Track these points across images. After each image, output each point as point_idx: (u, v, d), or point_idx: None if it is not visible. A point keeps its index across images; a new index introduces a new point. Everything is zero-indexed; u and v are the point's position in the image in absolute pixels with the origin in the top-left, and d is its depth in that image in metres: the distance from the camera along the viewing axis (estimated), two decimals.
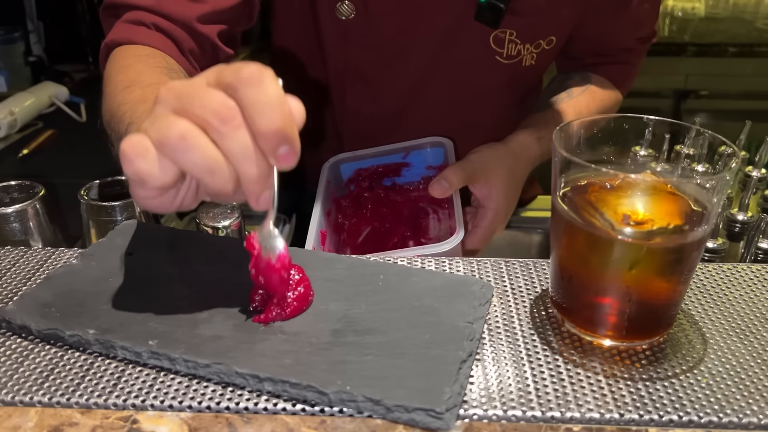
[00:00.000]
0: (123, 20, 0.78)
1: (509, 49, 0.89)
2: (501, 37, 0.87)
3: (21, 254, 0.57)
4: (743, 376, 0.44)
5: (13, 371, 0.43)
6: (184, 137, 0.38)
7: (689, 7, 2.60)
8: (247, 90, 0.38)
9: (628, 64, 1.04)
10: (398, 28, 0.88)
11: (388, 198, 0.90)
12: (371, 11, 0.86)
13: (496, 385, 0.43)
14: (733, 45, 2.43)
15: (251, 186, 0.40)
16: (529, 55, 0.90)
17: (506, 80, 0.94)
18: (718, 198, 0.43)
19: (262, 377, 0.41)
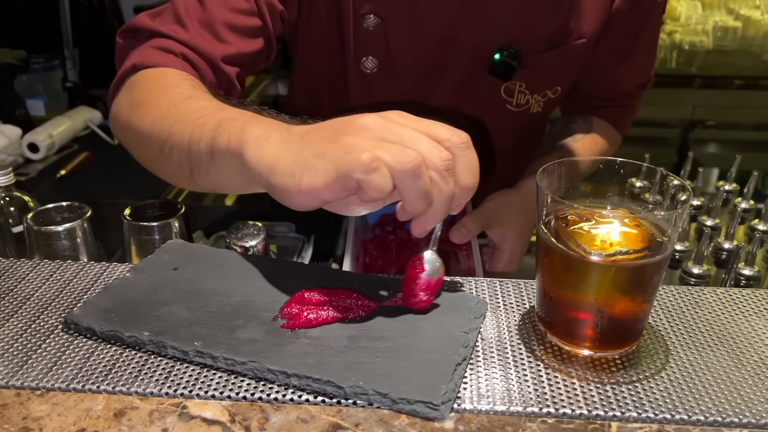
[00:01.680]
0: (149, 45, 0.81)
1: (518, 99, 0.96)
2: (511, 88, 0.95)
3: (80, 268, 0.66)
4: (696, 382, 0.51)
5: (82, 365, 0.52)
6: (419, 166, 0.48)
7: (697, 41, 2.68)
8: (462, 152, 0.50)
9: (629, 107, 1.11)
10: (417, 81, 0.96)
11: (411, 241, 0.97)
12: (393, 67, 0.94)
13: (485, 385, 0.51)
14: (739, 78, 2.50)
15: (433, 218, 0.51)
16: (536, 103, 0.98)
17: (515, 126, 1.02)
18: (674, 229, 0.51)
19: (289, 373, 0.49)
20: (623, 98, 1.10)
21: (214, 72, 0.83)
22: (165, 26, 0.82)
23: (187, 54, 0.81)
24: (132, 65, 0.80)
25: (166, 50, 0.80)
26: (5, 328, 0.56)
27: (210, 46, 0.81)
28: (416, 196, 0.48)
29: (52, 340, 0.54)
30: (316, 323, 0.54)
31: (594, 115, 1.09)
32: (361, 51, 0.93)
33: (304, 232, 1.13)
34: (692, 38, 2.69)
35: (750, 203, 1.12)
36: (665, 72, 2.52)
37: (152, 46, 0.81)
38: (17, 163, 1.49)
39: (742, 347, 0.56)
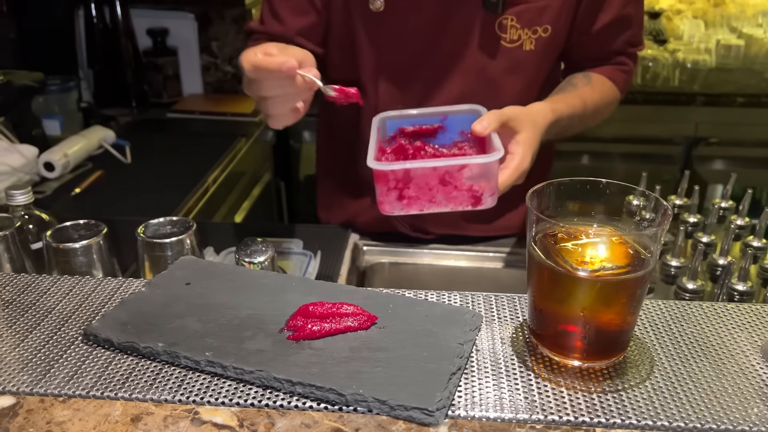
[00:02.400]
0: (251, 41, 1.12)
1: (511, 34, 1.06)
2: (504, 23, 1.05)
3: (98, 283, 0.70)
4: (678, 390, 0.54)
5: (101, 374, 0.55)
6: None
7: (700, 59, 2.71)
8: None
9: (623, 65, 1.19)
10: (421, 20, 1.06)
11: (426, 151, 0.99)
12: (398, 5, 1.05)
13: (478, 393, 0.54)
14: (742, 95, 2.52)
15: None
16: (528, 39, 1.07)
17: (512, 65, 1.10)
18: (656, 246, 0.54)
19: (294, 382, 0.53)
20: (614, 56, 1.17)
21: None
22: (256, 24, 1.14)
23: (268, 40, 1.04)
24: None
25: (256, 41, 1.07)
26: (29, 340, 0.60)
27: (277, 27, 1.10)
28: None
29: (73, 351, 0.58)
30: (320, 335, 0.58)
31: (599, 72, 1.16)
32: None
33: (310, 249, 1.17)
34: (695, 56, 2.72)
35: (745, 220, 1.15)
36: (668, 90, 2.55)
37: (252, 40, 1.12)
38: (33, 182, 1.53)
39: (724, 358, 0.58)
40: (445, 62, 1.11)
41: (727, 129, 2.53)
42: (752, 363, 0.58)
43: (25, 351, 0.58)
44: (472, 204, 0.80)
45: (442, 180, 0.78)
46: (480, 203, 0.80)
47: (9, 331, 0.61)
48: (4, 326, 0.62)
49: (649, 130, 2.55)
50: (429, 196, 0.80)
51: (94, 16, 2.05)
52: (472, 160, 0.78)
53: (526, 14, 1.05)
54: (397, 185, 0.79)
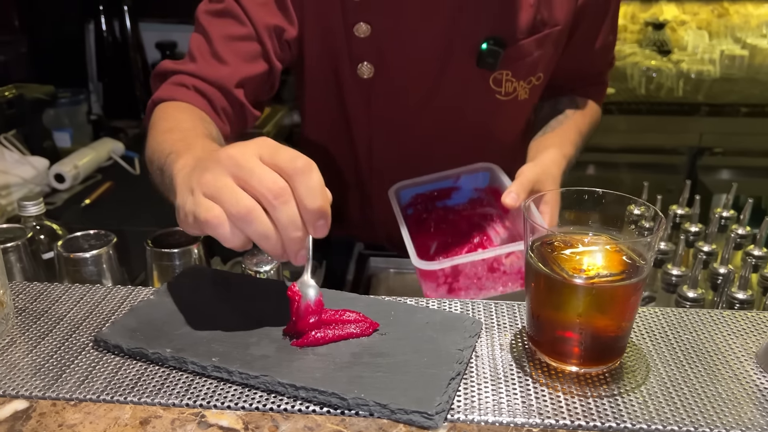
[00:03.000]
0: (168, 82, 0.94)
1: (506, 87, 1.05)
2: (499, 78, 1.04)
3: (108, 291, 0.71)
4: (673, 395, 0.56)
5: (110, 378, 0.57)
6: (250, 212, 0.53)
7: (704, 70, 2.73)
8: (300, 177, 0.54)
9: (602, 84, 1.21)
10: (412, 81, 1.04)
11: (446, 217, 1.02)
12: (388, 70, 1.02)
13: (477, 397, 0.55)
14: (746, 105, 2.53)
15: (292, 246, 0.55)
16: (522, 90, 1.06)
17: (507, 115, 1.11)
18: (650, 254, 0.56)
19: (298, 386, 0.54)
20: (596, 77, 1.19)
21: (224, 96, 0.93)
22: (180, 64, 0.95)
23: (198, 85, 0.92)
24: (151, 101, 0.93)
25: (180, 84, 0.93)
26: (41, 346, 0.61)
27: (215, 71, 0.92)
28: (258, 236, 0.54)
29: (84, 356, 0.60)
30: (323, 341, 0.59)
31: (575, 95, 1.17)
32: (357, 58, 1.01)
33: (316, 258, 1.18)
34: (699, 67, 2.74)
35: (746, 229, 1.16)
36: (672, 100, 2.56)
37: (171, 82, 0.94)
38: (44, 193, 1.56)
39: (719, 364, 0.60)
40: (439, 118, 1.09)
41: (731, 139, 2.54)
42: (746, 369, 0.59)
43: (38, 357, 0.60)
44: (521, 285, 0.82)
45: (491, 268, 0.81)
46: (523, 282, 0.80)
47: (22, 337, 0.63)
48: (18, 333, 0.63)
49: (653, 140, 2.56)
50: (478, 285, 0.82)
51: (104, 30, 2.08)
52: (518, 247, 0.79)
53: (522, 69, 1.04)
54: (446, 280, 0.81)
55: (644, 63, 2.74)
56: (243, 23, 0.93)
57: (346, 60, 1.02)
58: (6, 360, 0.60)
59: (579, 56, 1.12)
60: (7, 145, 1.56)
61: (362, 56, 1.01)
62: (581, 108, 1.15)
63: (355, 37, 0.99)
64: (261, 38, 0.94)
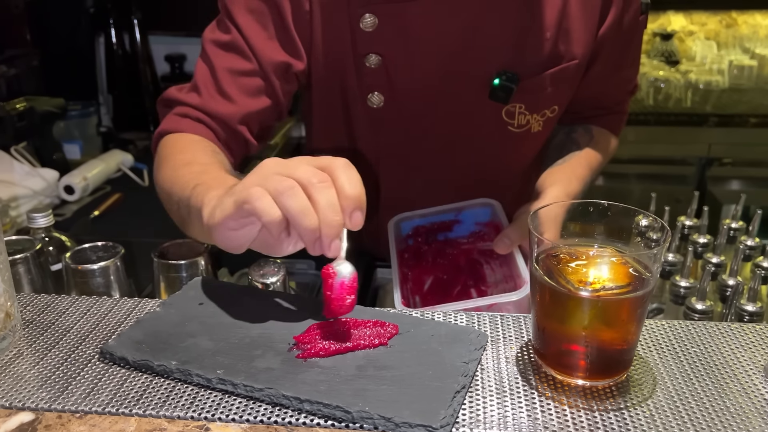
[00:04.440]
0: (173, 113, 0.95)
1: (519, 120, 1.02)
2: (511, 111, 1.01)
3: (114, 303, 0.72)
4: (681, 409, 0.55)
5: (116, 390, 0.57)
6: (292, 188, 0.57)
7: (712, 80, 2.72)
8: (341, 169, 0.58)
9: (621, 113, 1.19)
10: (422, 110, 1.02)
11: (444, 251, 1.02)
12: (398, 100, 1.01)
13: (482, 412, 0.55)
14: (755, 116, 2.52)
15: (329, 231, 0.57)
16: (536, 123, 1.04)
17: (519, 146, 1.08)
18: (656, 266, 0.55)
19: (302, 399, 0.54)
20: (615, 106, 1.17)
21: (226, 131, 0.94)
22: (184, 95, 0.95)
23: (202, 117, 0.93)
24: (158, 132, 0.95)
25: (185, 116, 0.94)
26: (48, 358, 0.62)
27: (219, 108, 0.93)
28: (297, 211, 0.57)
29: (90, 369, 0.60)
30: (327, 354, 0.59)
31: (591, 123, 1.15)
32: (367, 88, 1.00)
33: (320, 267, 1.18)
34: (708, 77, 2.73)
35: (756, 240, 1.15)
36: (680, 111, 2.56)
37: (176, 113, 0.95)
38: (54, 204, 1.57)
39: (727, 378, 0.59)
40: (448, 148, 1.08)
41: (740, 149, 2.53)
42: (755, 382, 0.59)
43: (44, 369, 0.60)
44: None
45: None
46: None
47: (29, 349, 0.63)
48: (24, 345, 0.64)
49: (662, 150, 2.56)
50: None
51: (114, 43, 2.10)
52: (503, 299, 0.79)
53: (535, 102, 1.02)
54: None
55: (652, 74, 2.74)
56: (248, 59, 0.93)
57: (356, 90, 1.01)
58: (12, 372, 0.60)
59: (597, 86, 1.09)
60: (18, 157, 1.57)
61: (372, 86, 1.00)
62: (595, 140, 1.13)
63: (365, 67, 0.98)
64: (267, 75, 0.94)
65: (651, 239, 0.62)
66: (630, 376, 0.59)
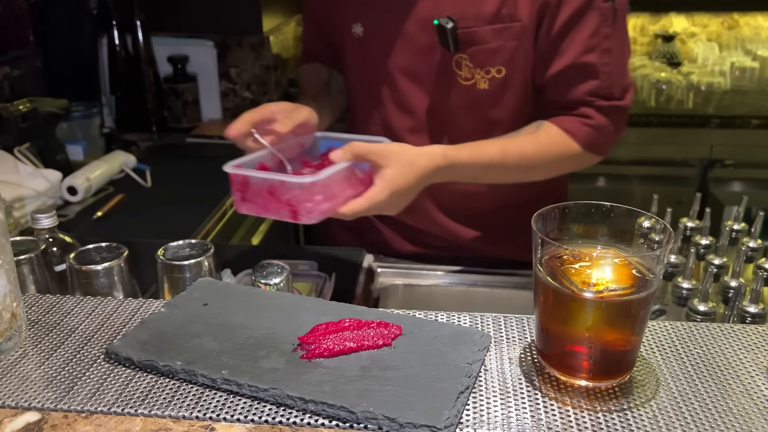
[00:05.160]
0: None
1: (465, 72, 1.12)
2: (459, 61, 1.11)
3: (119, 304, 0.72)
4: (684, 410, 0.55)
5: (121, 391, 0.58)
6: None
7: (714, 82, 2.72)
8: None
9: (585, 118, 1.12)
10: (392, 47, 1.16)
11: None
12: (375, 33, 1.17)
13: (486, 412, 0.55)
14: (756, 117, 2.52)
15: None
16: (481, 79, 1.12)
17: (466, 102, 1.15)
18: (659, 267, 0.56)
19: (307, 399, 0.54)
20: (576, 105, 1.12)
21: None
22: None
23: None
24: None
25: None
26: (53, 358, 0.62)
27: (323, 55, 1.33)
28: None
29: (95, 369, 0.60)
30: (331, 354, 0.59)
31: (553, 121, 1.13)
32: (352, 18, 1.19)
33: (325, 271, 1.19)
34: (709, 79, 2.73)
35: (758, 242, 1.15)
36: (682, 112, 2.56)
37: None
38: (57, 205, 1.57)
39: (729, 379, 0.59)
40: (409, 91, 1.19)
41: (742, 151, 2.53)
42: (757, 383, 0.59)
43: (50, 369, 0.60)
44: (291, 217, 0.89)
45: (270, 191, 0.89)
46: (297, 217, 0.89)
47: (34, 349, 0.63)
48: (30, 345, 0.64)
49: (664, 152, 2.56)
50: (262, 203, 0.90)
51: (116, 45, 2.11)
52: (288, 179, 0.88)
53: (478, 55, 1.10)
54: (239, 188, 0.91)
55: (654, 75, 2.74)
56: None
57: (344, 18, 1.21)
58: (18, 372, 0.60)
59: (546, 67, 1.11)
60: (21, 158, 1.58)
61: (355, 17, 1.19)
62: (538, 132, 1.12)
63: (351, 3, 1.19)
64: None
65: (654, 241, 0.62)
66: (633, 377, 0.59)
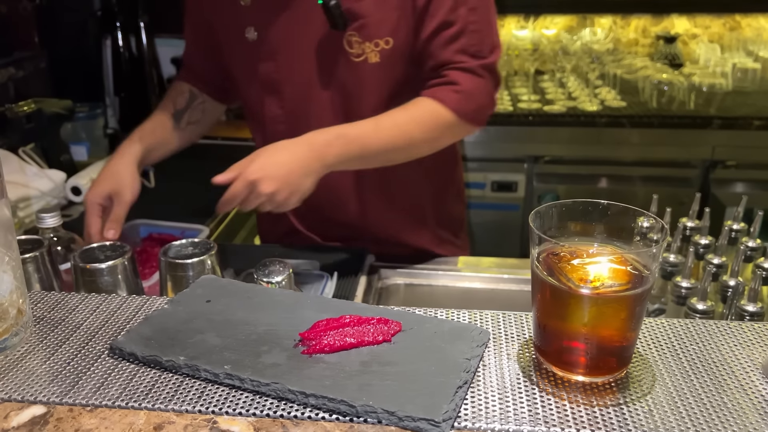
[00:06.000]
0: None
1: (356, 49, 1.14)
2: (350, 40, 1.14)
3: (123, 301, 0.73)
4: (679, 404, 0.56)
5: (125, 385, 0.59)
6: None
7: (716, 83, 2.73)
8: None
9: (454, 84, 1.14)
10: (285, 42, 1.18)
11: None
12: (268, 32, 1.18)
13: (484, 407, 0.56)
14: (758, 118, 2.53)
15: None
16: (372, 53, 1.14)
17: (361, 78, 1.17)
18: (655, 265, 0.56)
19: (308, 393, 0.55)
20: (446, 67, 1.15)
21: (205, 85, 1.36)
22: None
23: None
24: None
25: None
26: (58, 353, 0.63)
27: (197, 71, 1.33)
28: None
29: (100, 364, 0.61)
30: (332, 350, 0.60)
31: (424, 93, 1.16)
32: (244, 23, 1.19)
33: (327, 270, 1.20)
34: (711, 80, 2.74)
35: (757, 242, 1.16)
36: (684, 113, 2.56)
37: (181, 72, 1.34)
38: (61, 205, 1.58)
39: (725, 374, 0.60)
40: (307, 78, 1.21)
41: (744, 152, 2.53)
42: (752, 379, 0.60)
43: (55, 364, 0.61)
44: None
45: None
46: None
47: (40, 345, 0.64)
48: (36, 340, 0.65)
49: (666, 153, 2.56)
50: None
51: (120, 46, 2.12)
52: None
53: (364, 29, 1.13)
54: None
55: (656, 76, 2.74)
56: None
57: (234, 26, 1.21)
58: (24, 367, 0.61)
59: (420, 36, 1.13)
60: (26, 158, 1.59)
61: (248, 22, 1.19)
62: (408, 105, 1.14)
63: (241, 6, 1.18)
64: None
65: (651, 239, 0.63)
66: (629, 372, 0.60)
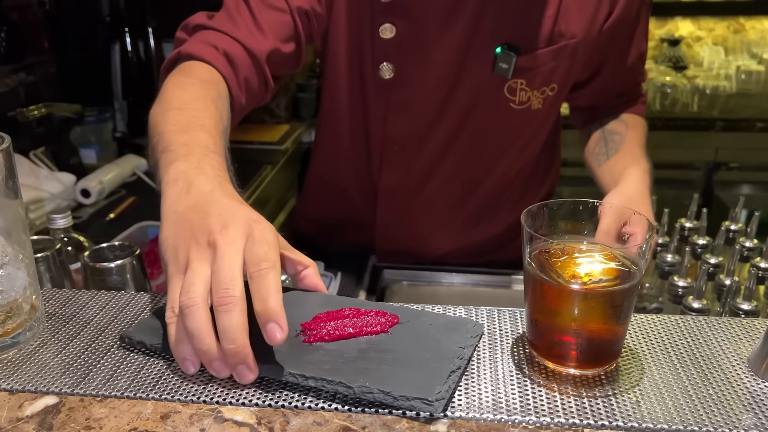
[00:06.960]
0: (197, 38, 0.90)
1: (520, 96, 1.08)
2: (513, 87, 1.07)
3: (132, 297, 0.76)
4: (665, 396, 0.58)
5: (134, 376, 0.61)
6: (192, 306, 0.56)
7: (720, 85, 2.74)
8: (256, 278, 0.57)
9: (642, 96, 1.23)
10: (430, 86, 1.07)
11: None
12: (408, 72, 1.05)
13: (476, 397, 0.58)
14: (761, 120, 2.54)
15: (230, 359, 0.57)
16: (536, 100, 1.10)
17: (520, 124, 1.13)
18: (642, 262, 0.59)
19: (307, 376, 0.58)
20: (634, 90, 1.21)
21: (255, 68, 0.92)
22: (218, 23, 0.92)
23: (230, 50, 0.89)
24: (178, 53, 0.90)
25: (210, 45, 0.89)
26: (70, 347, 0.66)
27: (255, 42, 0.92)
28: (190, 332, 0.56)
29: (109, 357, 0.64)
30: (331, 339, 0.63)
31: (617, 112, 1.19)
32: (379, 58, 1.04)
33: (331, 271, 1.22)
34: (714, 82, 2.75)
35: (754, 242, 1.18)
36: (687, 115, 2.58)
37: (200, 39, 0.91)
38: (71, 207, 1.62)
39: (711, 368, 0.62)
40: (453, 128, 1.11)
41: (747, 154, 2.55)
42: (738, 372, 0.62)
43: (67, 357, 0.64)
44: None
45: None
46: None
47: (52, 339, 0.67)
48: (48, 335, 0.68)
49: (669, 155, 2.58)
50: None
51: (129, 51, 2.15)
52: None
53: (536, 79, 1.06)
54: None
55: (659, 79, 2.76)
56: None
57: (369, 59, 1.05)
58: (38, 360, 0.64)
59: (616, 74, 1.15)
60: (36, 161, 1.62)
61: (385, 57, 1.04)
62: (631, 123, 1.17)
63: (379, 38, 1.02)
64: (293, 15, 0.96)
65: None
66: (619, 365, 0.62)
